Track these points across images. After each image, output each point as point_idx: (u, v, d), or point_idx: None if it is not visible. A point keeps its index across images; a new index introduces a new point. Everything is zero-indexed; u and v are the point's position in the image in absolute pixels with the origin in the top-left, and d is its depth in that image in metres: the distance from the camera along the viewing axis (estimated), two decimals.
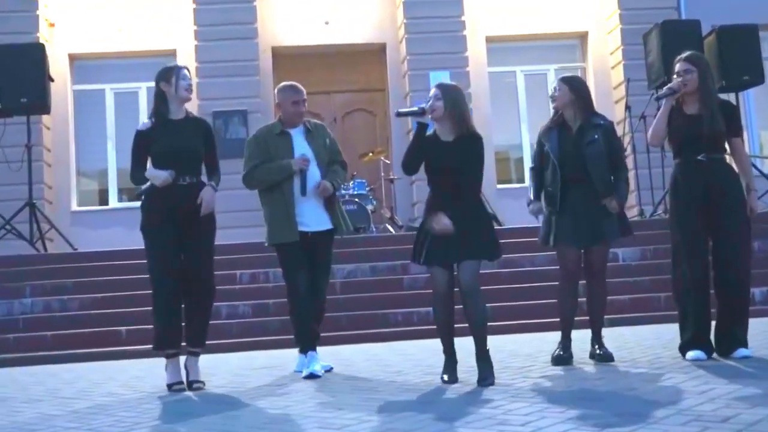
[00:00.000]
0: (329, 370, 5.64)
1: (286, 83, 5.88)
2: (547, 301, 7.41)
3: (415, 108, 4.99)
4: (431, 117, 4.88)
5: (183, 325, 5.36)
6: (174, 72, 5.29)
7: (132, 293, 8.39)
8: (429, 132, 4.95)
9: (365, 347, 7.25)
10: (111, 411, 4.50)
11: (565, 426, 3.29)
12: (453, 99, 4.89)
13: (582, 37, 14.01)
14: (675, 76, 5.30)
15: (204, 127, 5.47)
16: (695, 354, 5.10)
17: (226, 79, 12.60)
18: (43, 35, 12.63)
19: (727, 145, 5.30)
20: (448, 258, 4.90)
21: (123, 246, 9.74)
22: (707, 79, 5.22)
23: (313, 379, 5.25)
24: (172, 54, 13.14)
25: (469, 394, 4.37)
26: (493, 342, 6.85)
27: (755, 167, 11.26)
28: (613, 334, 7.01)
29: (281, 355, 6.78)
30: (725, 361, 4.97)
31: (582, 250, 5.42)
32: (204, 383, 5.29)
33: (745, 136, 11.35)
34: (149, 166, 5.29)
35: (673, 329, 5.54)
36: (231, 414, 4.24)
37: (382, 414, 3.95)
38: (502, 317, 8.13)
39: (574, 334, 5.50)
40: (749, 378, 4.29)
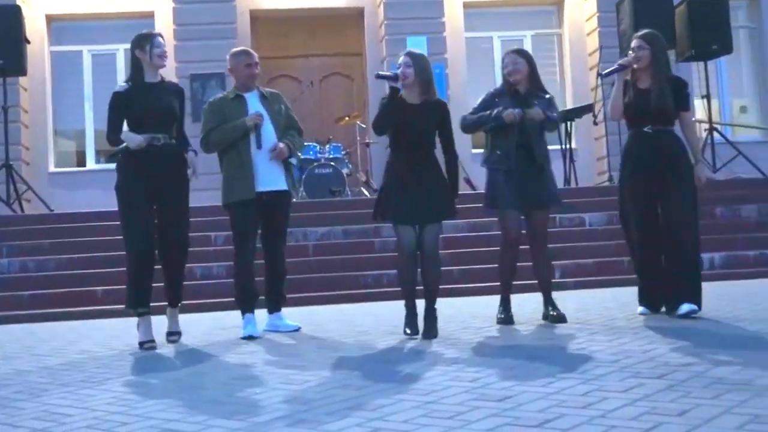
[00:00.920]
0: (297, 329, 5.82)
1: (236, 48, 6.10)
2: (517, 264, 7.61)
3: (391, 73, 5.31)
4: (403, 83, 5.18)
5: (159, 284, 5.58)
6: (148, 40, 5.45)
7: (108, 254, 8.54)
8: None
9: (336, 308, 7.45)
10: (83, 367, 4.68)
11: (510, 382, 3.49)
12: (421, 66, 5.26)
13: (558, 4, 14.11)
14: (630, 51, 5.61)
15: (178, 91, 5.67)
16: (642, 309, 5.64)
17: (203, 42, 12.61)
18: None
19: (678, 119, 5.62)
20: (414, 217, 5.16)
21: (100, 207, 9.86)
22: (659, 57, 5.53)
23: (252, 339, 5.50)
24: (150, 16, 13.15)
25: (425, 352, 4.57)
26: (459, 304, 7.13)
27: (720, 134, 11.51)
28: (576, 296, 7.26)
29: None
30: (675, 323, 5.19)
31: (523, 217, 5.65)
32: (180, 334, 5.62)
33: (717, 104, 11.55)
34: (125, 128, 5.41)
35: (635, 293, 5.79)
36: (199, 370, 4.44)
37: (341, 370, 4.15)
38: (469, 280, 8.35)
39: (529, 296, 5.73)
40: (693, 338, 4.50)
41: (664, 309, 5.60)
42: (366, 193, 11.56)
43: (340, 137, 12.37)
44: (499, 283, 5.81)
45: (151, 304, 5.53)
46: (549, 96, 5.70)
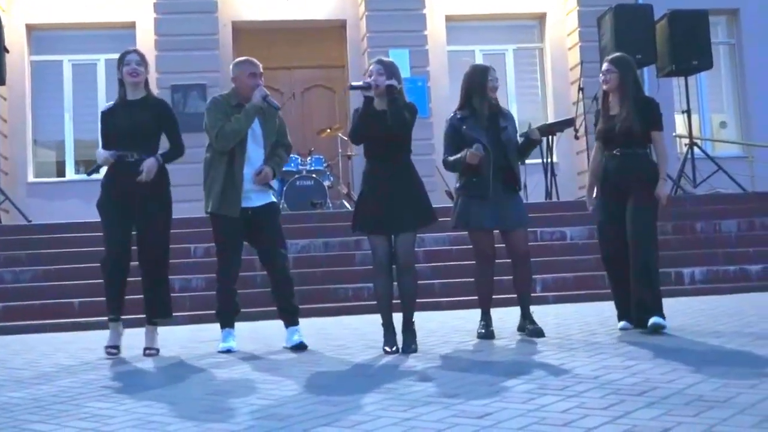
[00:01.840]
0: (299, 344, 5.44)
1: (241, 58, 5.88)
2: (497, 278, 7.59)
3: (363, 83, 5.27)
4: (376, 93, 5.16)
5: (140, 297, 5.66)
6: (122, 58, 5.58)
7: (85, 266, 8.45)
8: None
9: (315, 321, 7.37)
10: (56, 381, 4.60)
11: (491, 399, 3.45)
12: (391, 73, 5.25)
13: (540, 18, 14.17)
14: (600, 74, 5.76)
15: (160, 107, 5.66)
16: (622, 324, 5.68)
17: (185, 53, 12.58)
18: (0, 5, 12.51)
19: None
20: (386, 226, 5.14)
21: (80, 218, 9.78)
22: (626, 80, 5.63)
23: (229, 354, 5.41)
24: (131, 26, 13.10)
25: (404, 367, 4.52)
26: (440, 317, 7.09)
27: (701, 149, 11.56)
28: (556, 311, 7.24)
29: None
30: (656, 339, 5.17)
31: (495, 231, 5.70)
32: (158, 350, 5.59)
33: (697, 119, 11.61)
34: (99, 146, 5.57)
35: (614, 308, 5.77)
36: (173, 384, 4.37)
37: (318, 385, 4.10)
38: (451, 293, 8.32)
39: (510, 310, 5.70)
40: (673, 354, 4.48)
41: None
42: (347, 206, 11.51)
43: (321, 149, 12.33)
44: (478, 298, 5.81)
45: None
46: (508, 113, 5.86)
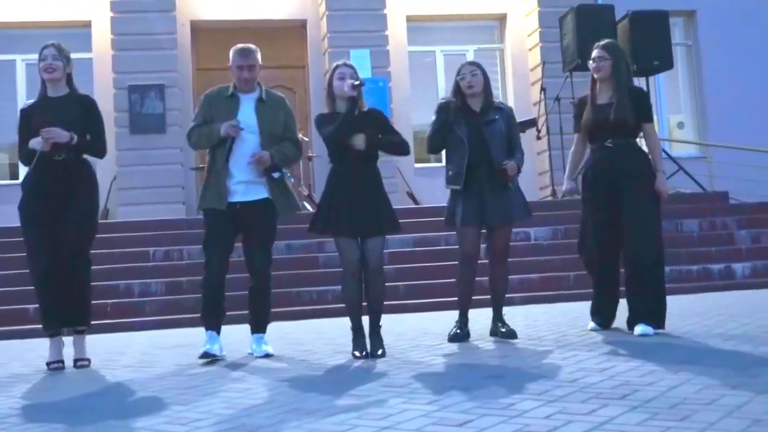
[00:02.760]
0: (266, 356, 5.24)
1: (237, 46, 5.43)
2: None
3: (361, 81, 5.13)
4: (351, 93, 5.03)
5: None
6: (40, 53, 5.30)
7: None
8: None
9: (279, 325, 7.20)
10: (11, 392, 4.40)
11: (470, 404, 3.34)
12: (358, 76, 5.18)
13: (501, 19, 14.13)
14: (591, 61, 5.52)
15: (86, 104, 5.39)
16: (593, 325, 5.57)
17: (142, 53, 12.33)
18: None
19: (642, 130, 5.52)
20: (357, 230, 5.02)
21: None
22: (620, 68, 5.43)
23: (209, 359, 5.09)
24: (87, 25, 12.84)
25: (376, 372, 4.40)
26: (407, 320, 6.99)
27: (664, 151, 11.60)
28: (523, 311, 7.18)
29: (195, 334, 6.70)
30: (629, 338, 5.12)
31: (483, 230, 5.53)
32: (89, 361, 5.27)
33: (655, 120, 11.65)
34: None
35: (582, 308, 5.71)
36: (131, 395, 4.18)
37: (289, 393, 3.96)
38: (416, 296, 8.24)
39: (480, 312, 5.61)
40: (649, 355, 4.42)
41: (615, 325, 5.54)
42: (309, 208, 11.34)
43: None
44: (457, 299, 5.66)
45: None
46: (504, 108, 5.62)
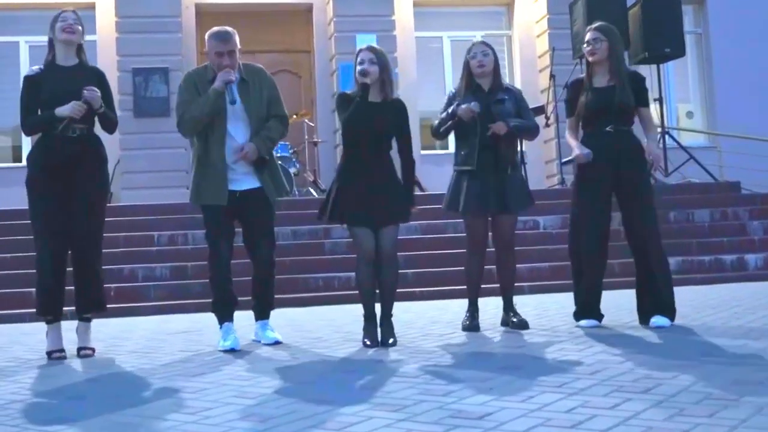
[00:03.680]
0: (276, 343, 5.12)
1: (213, 29, 5.11)
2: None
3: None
4: (369, 80, 4.89)
5: (72, 290, 5.07)
6: (56, 17, 5.01)
7: None
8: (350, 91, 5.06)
9: (285, 312, 7.12)
10: (15, 377, 4.31)
11: (487, 397, 3.25)
12: (384, 62, 4.99)
13: (509, 5, 14.00)
14: (585, 45, 5.36)
15: (97, 75, 5.12)
16: (587, 322, 5.29)
17: (147, 35, 12.21)
18: None
19: (637, 115, 5.35)
20: (372, 219, 4.91)
21: None
22: (617, 50, 5.29)
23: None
24: (91, 7, 12.70)
25: (388, 362, 4.30)
26: (415, 308, 6.90)
27: (673, 138, 11.50)
28: (534, 301, 7.08)
29: (200, 319, 6.63)
30: (643, 330, 5.02)
31: (489, 218, 5.41)
32: (94, 350, 5.05)
33: (664, 108, 11.52)
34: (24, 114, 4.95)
35: None
36: (138, 382, 4.07)
37: (300, 382, 3.86)
38: (424, 283, 8.14)
39: (491, 301, 5.51)
40: (666, 347, 4.33)
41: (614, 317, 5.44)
42: (314, 193, 11.26)
43: (287, 136, 12.01)
44: (466, 288, 5.55)
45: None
46: (513, 88, 5.51)
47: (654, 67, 11.52)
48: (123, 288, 8.05)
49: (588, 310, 5.35)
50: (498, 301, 5.62)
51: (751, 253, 9.02)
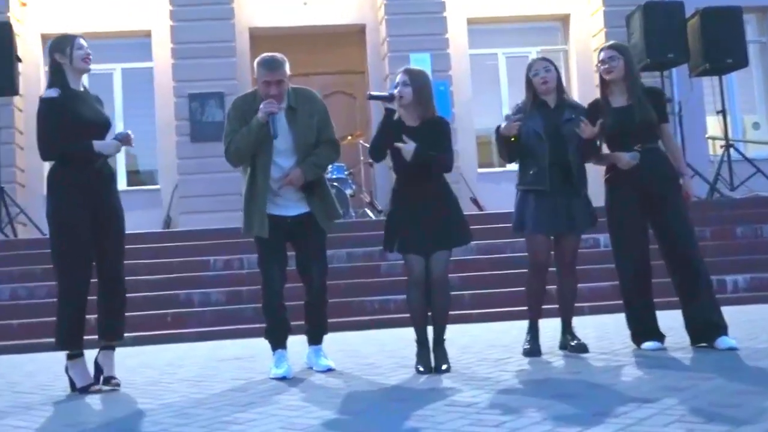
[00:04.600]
0: (329, 370, 5.07)
1: (263, 56, 5.04)
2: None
3: (386, 93, 4.91)
4: (400, 104, 4.80)
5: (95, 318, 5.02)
6: (69, 42, 4.96)
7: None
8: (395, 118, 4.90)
9: (339, 336, 7.03)
10: (62, 404, 4.29)
11: (542, 427, 3.11)
12: (420, 84, 4.85)
13: (564, 20, 13.81)
14: (600, 63, 5.22)
15: (100, 101, 5.14)
16: (652, 344, 5.10)
17: (202, 61, 12.32)
18: (15, 14, 12.30)
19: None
20: (423, 246, 4.81)
21: None
22: (633, 68, 5.18)
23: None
24: (147, 35, 12.89)
25: (444, 389, 4.18)
26: (472, 331, 6.75)
27: (738, 151, 11.16)
28: (594, 322, 6.88)
29: (255, 345, 6.58)
30: (707, 353, 4.81)
31: (552, 238, 5.26)
32: (119, 382, 4.91)
33: (728, 119, 11.22)
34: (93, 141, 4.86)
35: None
36: (185, 410, 4.02)
37: (349, 412, 3.76)
38: (481, 305, 8.00)
39: (548, 323, 5.35)
40: (738, 373, 4.12)
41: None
42: (370, 215, 11.19)
43: (342, 157, 11.90)
44: (527, 309, 5.41)
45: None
46: (579, 105, 5.35)
47: (716, 79, 11.23)
48: (179, 313, 8.07)
49: (648, 331, 5.18)
50: (556, 323, 5.46)
51: None
